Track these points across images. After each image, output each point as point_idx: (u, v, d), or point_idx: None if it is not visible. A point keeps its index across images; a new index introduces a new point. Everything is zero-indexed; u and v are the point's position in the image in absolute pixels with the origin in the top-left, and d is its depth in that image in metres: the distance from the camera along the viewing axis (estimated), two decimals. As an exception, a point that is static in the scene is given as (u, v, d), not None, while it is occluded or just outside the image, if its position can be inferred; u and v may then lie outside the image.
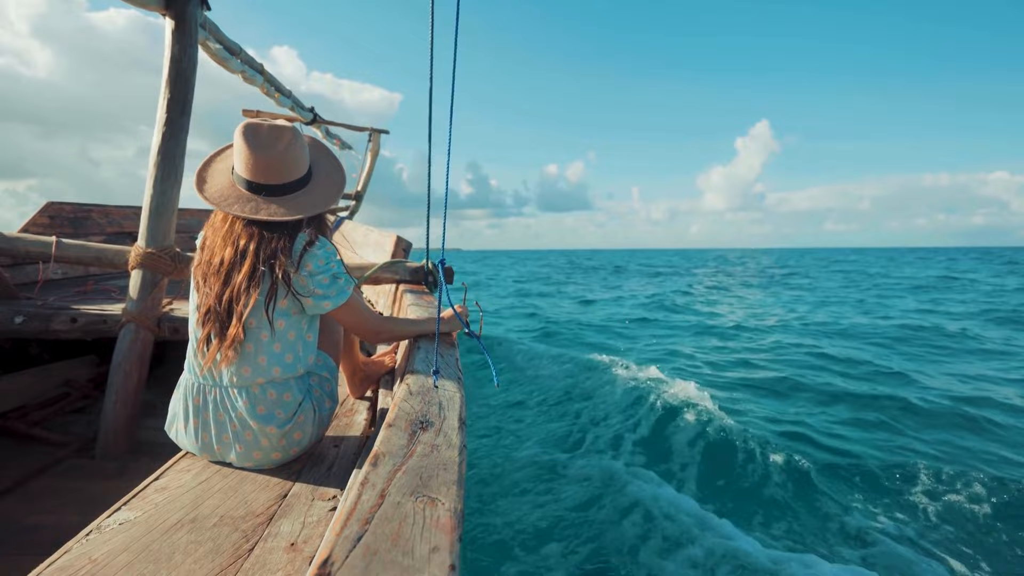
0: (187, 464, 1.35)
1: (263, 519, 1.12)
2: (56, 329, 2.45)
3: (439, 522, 0.64)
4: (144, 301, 2.29)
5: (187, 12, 2.25)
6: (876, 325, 12.67)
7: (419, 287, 2.50)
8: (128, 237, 4.78)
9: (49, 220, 4.28)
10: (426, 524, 0.63)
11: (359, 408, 1.81)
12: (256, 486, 1.27)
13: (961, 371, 8.15)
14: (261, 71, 3.58)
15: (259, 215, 1.29)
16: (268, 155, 1.31)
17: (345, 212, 6.06)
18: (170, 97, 2.25)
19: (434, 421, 0.95)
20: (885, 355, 9.37)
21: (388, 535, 0.60)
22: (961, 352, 9.71)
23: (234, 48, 3.05)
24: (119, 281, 3.82)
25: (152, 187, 2.25)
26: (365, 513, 0.64)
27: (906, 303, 17.63)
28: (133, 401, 2.23)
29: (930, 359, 9.13)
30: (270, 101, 4.18)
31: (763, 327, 12.85)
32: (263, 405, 1.29)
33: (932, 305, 16.95)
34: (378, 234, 3.58)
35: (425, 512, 0.66)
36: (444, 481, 0.74)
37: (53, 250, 2.39)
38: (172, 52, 2.24)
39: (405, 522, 0.63)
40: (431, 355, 1.31)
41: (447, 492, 0.71)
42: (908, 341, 10.66)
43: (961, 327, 11.88)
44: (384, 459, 0.79)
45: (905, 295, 20.29)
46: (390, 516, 0.64)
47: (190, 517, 1.10)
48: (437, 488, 0.72)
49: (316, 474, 1.34)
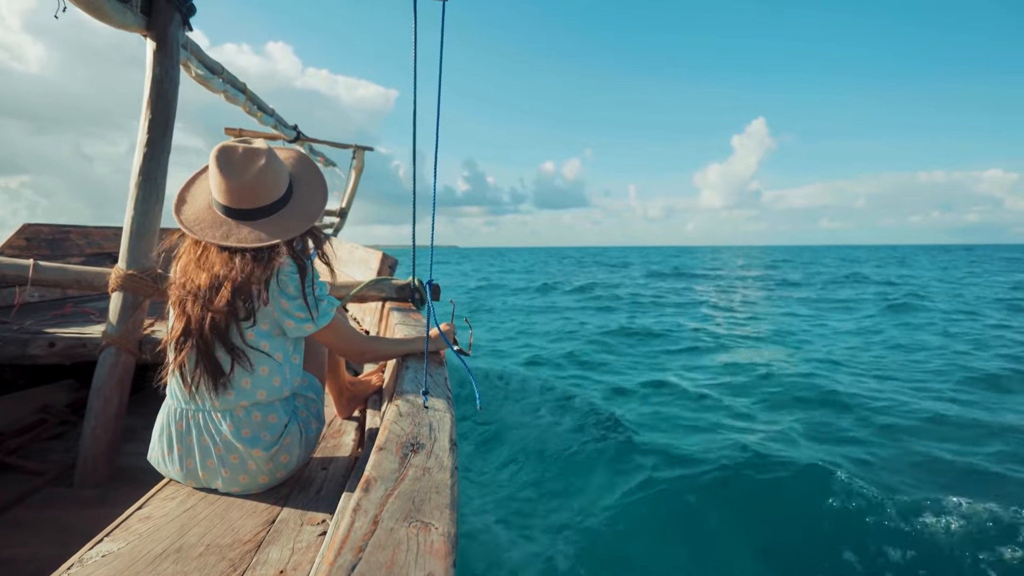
0: (171, 491, 1.33)
1: (251, 546, 1.10)
2: (33, 354, 2.39)
3: (433, 547, 0.64)
4: (125, 324, 2.25)
5: (168, 33, 2.25)
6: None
7: (406, 304, 2.49)
8: (108, 258, 4.70)
9: (26, 242, 4.20)
10: (420, 550, 0.63)
11: (347, 428, 1.79)
12: (243, 512, 1.24)
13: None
14: (243, 90, 3.57)
15: (229, 241, 1.27)
16: (241, 180, 1.28)
17: (329, 229, 6.03)
18: (151, 118, 2.24)
19: (425, 443, 0.95)
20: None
21: (382, 563, 0.60)
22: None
23: (216, 68, 3.04)
24: (98, 303, 3.74)
25: (133, 208, 2.23)
26: (358, 541, 0.64)
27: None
28: (114, 427, 2.18)
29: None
30: (253, 120, 4.17)
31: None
32: (248, 428, 1.28)
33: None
34: (363, 251, 3.57)
35: (419, 537, 0.65)
36: (437, 505, 0.74)
37: (30, 273, 2.34)
38: (153, 73, 2.23)
39: (399, 549, 0.63)
40: (420, 375, 1.30)
41: (440, 516, 0.71)
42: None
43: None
44: (376, 484, 0.78)
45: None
46: (384, 543, 0.64)
47: (175, 547, 1.08)
48: (430, 512, 0.72)
49: (304, 498, 1.32)
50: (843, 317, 15.45)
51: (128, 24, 2.13)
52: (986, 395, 7.32)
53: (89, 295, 4.17)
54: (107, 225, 5.08)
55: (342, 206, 6.13)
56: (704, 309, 18.23)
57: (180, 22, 2.31)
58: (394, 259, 3.06)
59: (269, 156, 1.32)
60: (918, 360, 9.52)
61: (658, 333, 12.77)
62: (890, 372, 8.66)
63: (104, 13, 1.97)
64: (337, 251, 4.33)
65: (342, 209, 6.15)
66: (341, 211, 6.16)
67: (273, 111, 4.41)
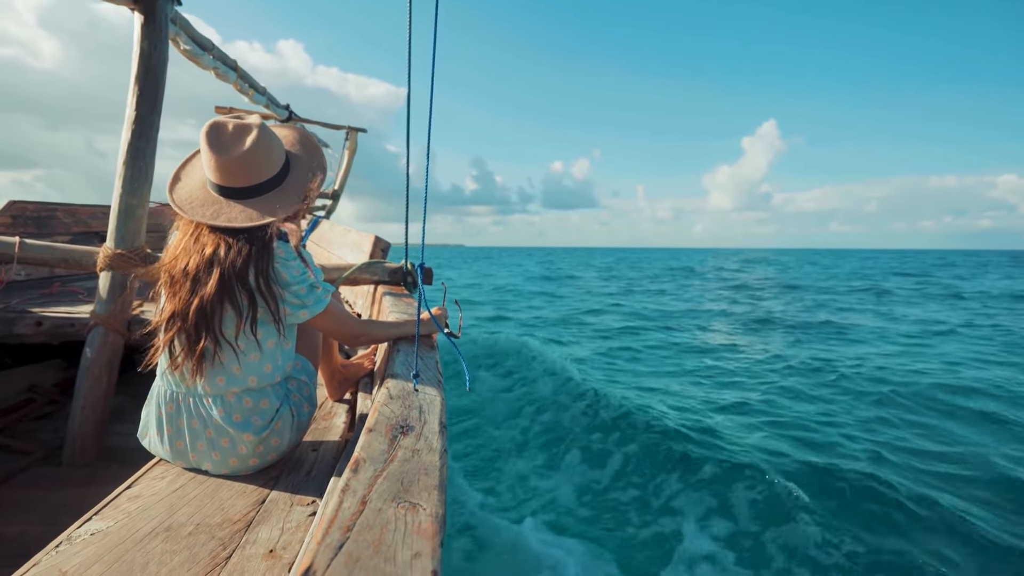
0: (161, 471, 1.33)
1: (240, 526, 1.11)
2: (21, 333, 2.37)
3: (421, 527, 0.64)
4: (113, 303, 2.23)
5: (157, 7, 2.20)
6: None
7: (398, 288, 2.48)
8: (95, 237, 4.64)
9: (11, 220, 4.13)
10: (408, 530, 0.63)
11: (338, 411, 1.80)
12: (233, 492, 1.25)
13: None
14: (234, 67, 3.51)
15: (219, 220, 1.23)
16: (231, 156, 1.24)
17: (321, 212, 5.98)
18: (139, 94, 2.20)
19: (414, 425, 0.95)
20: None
21: (370, 542, 0.60)
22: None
23: (206, 44, 2.98)
24: (86, 283, 3.71)
25: (121, 186, 2.20)
26: (346, 520, 0.64)
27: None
28: (102, 406, 2.17)
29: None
30: (244, 98, 4.10)
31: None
32: (239, 413, 1.27)
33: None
34: (356, 234, 3.54)
35: (407, 518, 0.66)
36: (425, 486, 0.74)
37: (16, 251, 2.31)
38: (141, 48, 2.19)
39: (387, 528, 0.63)
40: (411, 358, 1.31)
41: (428, 497, 0.71)
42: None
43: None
44: (365, 465, 0.79)
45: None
46: (372, 523, 0.64)
47: (165, 525, 1.08)
48: (418, 493, 0.72)
49: (294, 479, 1.32)
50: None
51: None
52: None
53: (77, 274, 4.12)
54: (94, 204, 5.01)
55: (335, 188, 6.07)
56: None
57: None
58: (386, 242, 3.05)
59: (261, 131, 1.27)
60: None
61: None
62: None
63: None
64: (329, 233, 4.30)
65: (335, 191, 6.10)
66: (334, 193, 6.11)
67: (265, 89, 4.34)
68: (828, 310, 17.47)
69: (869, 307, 18.40)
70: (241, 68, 3.58)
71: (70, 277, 4.12)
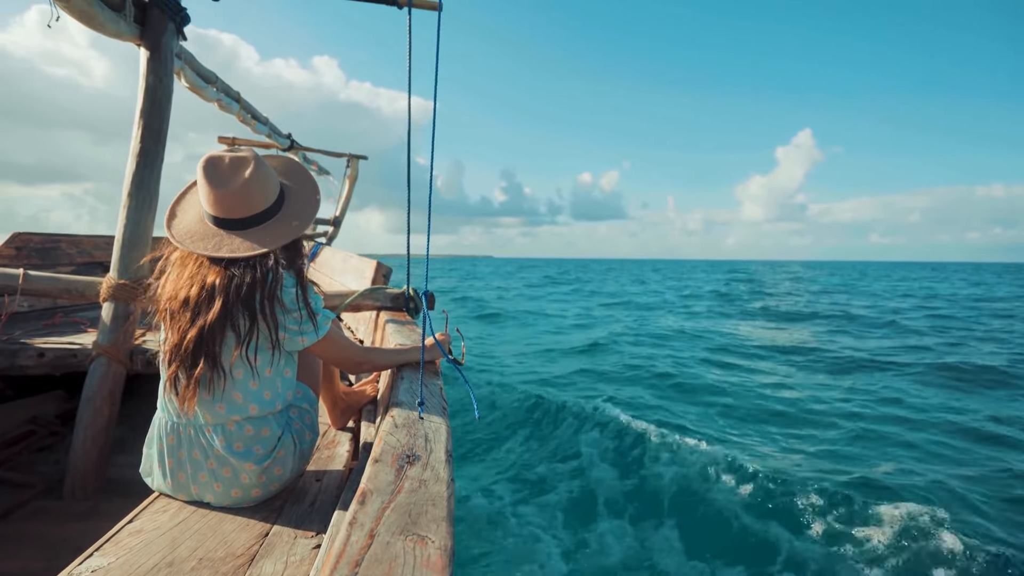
0: (163, 504, 1.31)
1: (244, 560, 1.09)
2: (22, 364, 2.36)
3: (430, 561, 0.63)
4: (116, 334, 2.23)
5: (162, 42, 2.25)
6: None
7: (400, 314, 2.48)
8: (99, 267, 4.65)
9: (15, 251, 4.15)
10: (417, 564, 0.62)
11: (341, 439, 1.78)
12: (236, 525, 1.23)
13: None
14: (237, 99, 3.57)
15: (221, 252, 1.26)
16: (228, 189, 1.27)
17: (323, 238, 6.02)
18: (144, 126, 2.23)
19: (421, 455, 0.94)
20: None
21: None
22: None
23: (209, 76, 3.04)
24: (89, 313, 3.71)
25: (126, 217, 2.21)
26: (354, 555, 0.63)
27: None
28: (104, 438, 2.15)
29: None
30: (247, 128, 4.17)
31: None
32: (240, 442, 1.26)
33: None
34: (357, 260, 3.56)
35: (415, 551, 0.65)
36: (433, 518, 0.73)
37: (20, 282, 2.32)
38: (147, 82, 2.23)
39: (395, 563, 0.62)
40: (415, 385, 1.30)
41: (437, 529, 0.70)
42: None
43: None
44: (372, 496, 0.78)
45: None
46: (380, 557, 0.63)
47: (167, 561, 1.06)
48: (427, 525, 0.71)
49: (298, 511, 1.31)
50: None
51: (121, 34, 2.13)
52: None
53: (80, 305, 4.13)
54: (98, 234, 5.04)
55: (336, 215, 6.12)
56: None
57: (174, 31, 2.31)
58: (388, 268, 3.06)
59: (257, 163, 1.30)
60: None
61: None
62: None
63: (98, 23, 1.97)
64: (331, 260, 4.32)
65: (336, 218, 6.14)
66: (335, 219, 6.16)
67: (267, 120, 4.40)
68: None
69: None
70: (244, 100, 3.64)
71: (73, 308, 4.12)
